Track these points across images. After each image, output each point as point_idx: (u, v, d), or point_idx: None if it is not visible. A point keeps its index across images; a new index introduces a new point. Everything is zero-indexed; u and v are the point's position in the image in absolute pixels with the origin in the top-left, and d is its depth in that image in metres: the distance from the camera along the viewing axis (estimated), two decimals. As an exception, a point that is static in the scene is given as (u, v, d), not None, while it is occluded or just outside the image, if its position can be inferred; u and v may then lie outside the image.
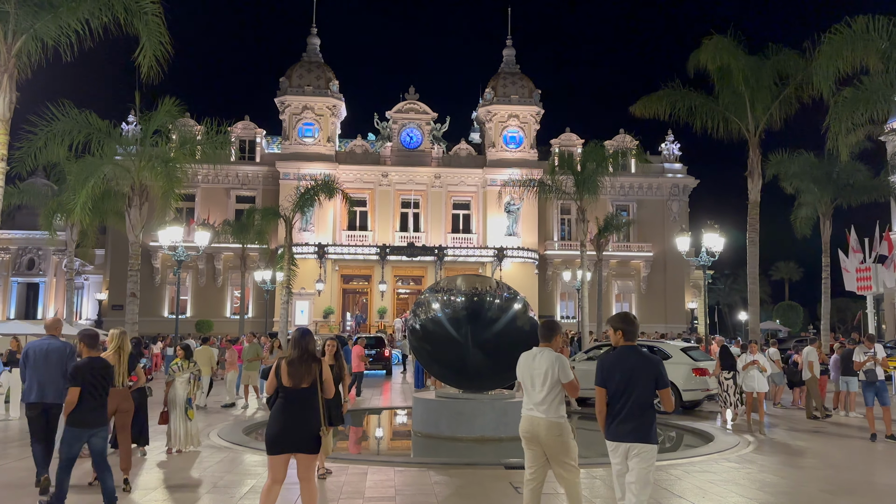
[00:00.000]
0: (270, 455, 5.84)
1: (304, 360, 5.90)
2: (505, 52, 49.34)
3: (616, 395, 5.39)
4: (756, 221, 18.98)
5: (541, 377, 5.73)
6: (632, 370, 5.36)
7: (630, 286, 49.32)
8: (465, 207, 48.15)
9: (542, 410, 5.72)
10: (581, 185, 26.28)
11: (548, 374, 5.71)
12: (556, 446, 5.71)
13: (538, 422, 5.74)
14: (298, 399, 5.83)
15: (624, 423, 5.34)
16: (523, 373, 5.91)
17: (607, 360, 5.56)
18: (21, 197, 29.35)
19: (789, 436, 12.82)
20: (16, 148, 16.12)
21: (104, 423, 7.17)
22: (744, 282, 68.20)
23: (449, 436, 12.01)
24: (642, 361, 5.42)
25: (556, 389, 5.74)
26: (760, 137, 18.98)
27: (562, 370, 5.72)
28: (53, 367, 7.92)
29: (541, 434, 5.72)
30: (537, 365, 5.78)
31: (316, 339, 23.91)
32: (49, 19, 10.75)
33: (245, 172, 47.34)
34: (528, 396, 5.85)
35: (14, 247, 47.65)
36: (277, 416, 5.83)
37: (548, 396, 5.71)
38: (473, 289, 13.86)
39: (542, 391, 5.71)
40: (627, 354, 5.46)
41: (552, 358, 5.78)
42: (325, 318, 44.07)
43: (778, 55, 18.41)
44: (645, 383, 5.34)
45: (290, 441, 5.76)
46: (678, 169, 50.39)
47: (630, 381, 5.34)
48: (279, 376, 5.89)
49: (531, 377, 5.80)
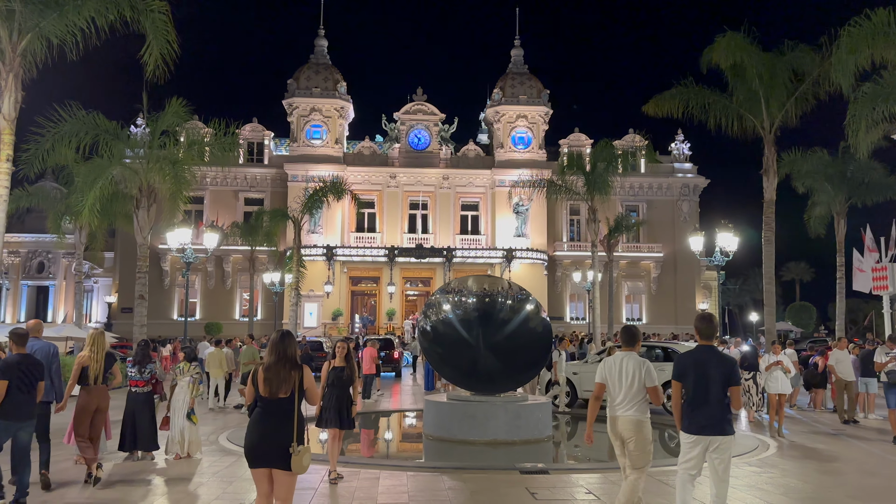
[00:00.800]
0: (251, 468, 5.27)
1: (281, 366, 5.25)
2: (513, 53, 49.12)
3: (692, 391, 5.79)
4: (772, 220, 18.68)
5: (627, 379, 6.10)
6: (707, 367, 5.72)
7: (640, 287, 48.97)
8: (473, 208, 47.95)
9: (626, 410, 6.11)
10: (591, 185, 26.03)
11: (634, 377, 6.09)
12: (637, 442, 6.11)
13: (624, 420, 6.14)
14: (275, 410, 5.20)
15: (701, 417, 5.71)
16: (608, 375, 6.26)
17: (684, 357, 6.01)
18: (30, 200, 29.38)
19: (809, 438, 12.55)
20: (23, 150, 16.02)
21: (31, 417, 7.42)
22: (754, 282, 68.11)
23: (461, 439, 11.81)
24: (717, 359, 5.78)
25: (641, 392, 6.13)
26: (776, 135, 18.69)
27: (647, 375, 6.10)
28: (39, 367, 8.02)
29: (624, 432, 6.14)
30: (624, 368, 6.16)
31: (325, 340, 23.68)
32: (55, 18, 10.62)
33: (253, 174, 47.30)
34: (613, 398, 6.24)
35: (24, 250, 47.76)
36: (252, 428, 5.25)
37: (633, 398, 6.09)
38: (485, 290, 13.67)
39: (628, 393, 6.10)
40: (704, 352, 5.85)
41: (638, 362, 6.16)
42: (334, 319, 43.95)
43: (794, 51, 18.12)
44: (720, 380, 5.69)
45: (265, 455, 5.16)
46: (688, 169, 50.02)
47: (706, 378, 5.71)
48: (256, 383, 5.27)
49: (617, 380, 6.17)
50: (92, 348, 8.60)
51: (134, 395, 10.02)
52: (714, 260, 23.58)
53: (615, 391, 6.21)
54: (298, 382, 5.29)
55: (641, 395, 6.13)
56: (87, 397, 8.54)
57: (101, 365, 8.61)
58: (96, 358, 8.57)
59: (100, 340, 8.69)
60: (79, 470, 9.03)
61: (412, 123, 47.38)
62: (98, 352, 8.61)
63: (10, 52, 10.51)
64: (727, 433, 5.73)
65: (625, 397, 6.13)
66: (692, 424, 5.78)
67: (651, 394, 6.12)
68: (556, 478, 9.02)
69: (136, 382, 10.03)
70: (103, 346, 8.71)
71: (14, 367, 7.23)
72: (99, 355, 8.60)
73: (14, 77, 10.55)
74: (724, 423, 5.73)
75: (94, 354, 8.58)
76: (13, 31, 10.51)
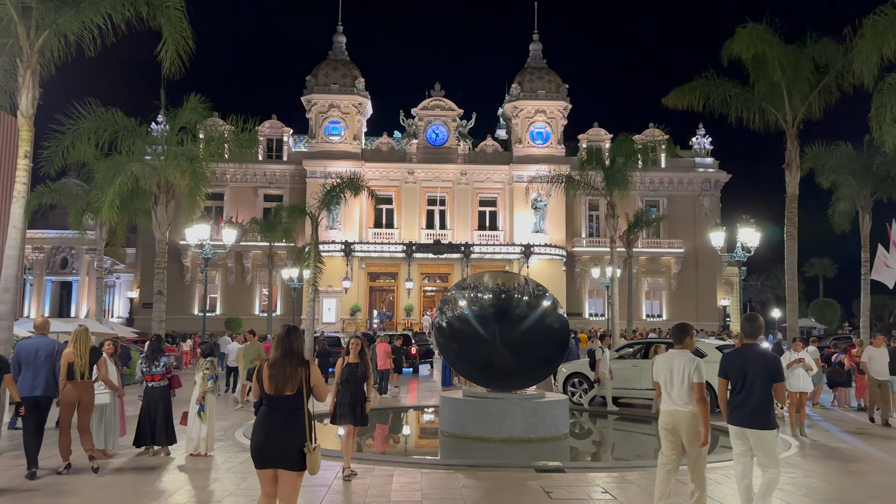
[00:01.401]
0: (257, 469, 5.14)
1: (287, 362, 5.11)
2: (531, 47, 48.83)
3: (737, 387, 6.20)
4: (794, 215, 18.33)
5: (679, 376, 6.37)
6: (751, 364, 6.11)
7: (660, 283, 48.54)
8: (491, 204, 47.79)
9: (682, 405, 6.37)
10: (610, 180, 25.74)
11: (685, 373, 6.35)
12: (693, 436, 6.33)
13: (679, 415, 6.38)
14: (281, 408, 5.07)
15: (745, 410, 6.12)
16: (662, 372, 6.55)
17: (729, 355, 6.43)
18: (53, 196, 29.69)
19: (832, 438, 12.30)
20: (44, 147, 16.17)
21: None
22: (776, 278, 67.27)
23: (476, 436, 11.72)
24: (761, 357, 6.18)
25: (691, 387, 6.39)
26: (798, 128, 18.33)
27: (696, 371, 6.33)
28: (42, 363, 8.68)
29: (681, 425, 6.37)
30: (675, 365, 6.43)
31: (342, 336, 23.70)
32: (71, 14, 10.65)
33: (272, 171, 47.52)
34: (667, 393, 6.50)
35: (47, 246, 48.42)
36: (259, 427, 5.12)
37: (685, 393, 6.34)
38: (501, 286, 13.56)
39: (681, 388, 6.36)
40: (748, 350, 6.26)
41: (688, 359, 6.42)
42: (353, 315, 44.07)
43: (816, 43, 17.75)
44: (763, 376, 6.07)
45: (271, 455, 5.02)
46: (709, 164, 49.45)
47: (750, 375, 6.10)
48: (261, 381, 5.14)
49: (670, 376, 6.46)
50: (76, 345, 8.78)
51: (150, 390, 10.10)
52: (736, 256, 23.25)
53: (668, 387, 6.49)
54: (305, 379, 5.15)
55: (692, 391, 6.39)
56: (72, 392, 8.74)
57: (85, 361, 8.79)
58: (80, 354, 8.75)
59: (83, 337, 8.88)
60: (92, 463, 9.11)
61: (430, 119, 47.30)
62: (81, 348, 8.78)
63: (27, 48, 10.57)
64: (769, 427, 6.12)
65: (678, 393, 6.40)
66: (737, 417, 6.21)
67: (696, 390, 6.30)
68: (572, 476, 8.91)
69: (151, 377, 10.10)
70: (87, 343, 8.89)
71: None
72: (83, 351, 8.77)
73: (32, 74, 10.61)
74: (767, 417, 6.12)
75: (77, 350, 8.75)
76: (30, 27, 10.56)
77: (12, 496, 7.77)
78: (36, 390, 8.59)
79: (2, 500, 7.63)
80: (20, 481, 8.33)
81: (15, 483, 8.34)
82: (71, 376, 8.71)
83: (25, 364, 8.69)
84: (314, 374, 5.25)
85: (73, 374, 8.69)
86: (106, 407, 9.90)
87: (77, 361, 8.71)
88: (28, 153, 10.96)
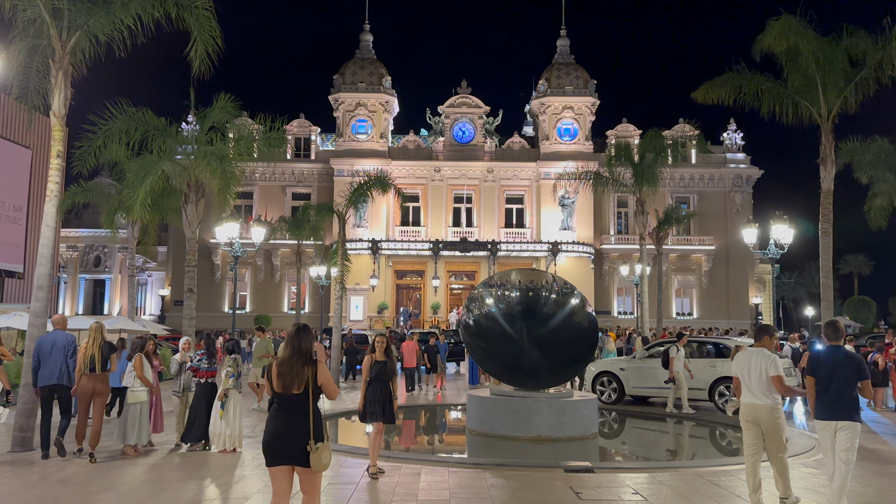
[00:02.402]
0: (268, 467, 5.23)
1: (294, 361, 5.19)
2: (559, 43, 48.45)
3: (823, 384, 6.78)
4: (829, 211, 17.89)
5: (757, 371, 7.12)
6: (836, 364, 6.73)
7: (691, 281, 47.89)
8: (518, 202, 47.56)
9: (761, 398, 7.09)
10: (639, 177, 25.41)
11: (762, 368, 7.10)
12: (772, 426, 7.10)
13: (759, 407, 7.12)
14: (290, 406, 5.14)
15: (831, 405, 6.70)
16: (742, 368, 7.27)
17: (816, 355, 7.14)
18: (86, 196, 30.11)
19: (868, 439, 11.98)
20: (77, 147, 16.40)
21: None
22: (809, 276, 65.98)
23: (504, 435, 11.66)
24: (845, 357, 6.80)
25: (769, 381, 7.08)
26: (834, 122, 17.87)
27: (772, 366, 7.09)
28: (59, 355, 9.69)
29: (761, 417, 7.10)
30: (753, 362, 7.18)
31: (368, 334, 23.70)
32: (102, 15, 10.76)
33: (300, 170, 47.85)
34: (747, 388, 7.21)
35: (81, 245, 49.33)
36: (269, 424, 5.23)
37: (764, 387, 7.08)
38: (528, 283, 13.46)
39: (759, 383, 7.10)
40: (833, 352, 6.89)
41: (766, 356, 7.17)
42: (380, 313, 44.21)
43: (852, 36, 17.30)
44: (847, 374, 6.69)
45: (281, 452, 5.11)
46: (741, 159, 48.63)
47: (835, 373, 6.71)
48: (270, 379, 5.25)
49: (748, 372, 7.18)
50: (88, 340, 9.59)
51: (208, 386, 10.41)
52: (768, 253, 22.81)
53: (747, 382, 7.20)
54: (312, 378, 5.18)
55: (770, 385, 7.08)
56: (87, 383, 9.54)
57: (97, 354, 9.54)
58: (93, 347, 9.53)
59: (96, 333, 9.67)
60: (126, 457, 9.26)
61: (456, 117, 47.20)
62: (93, 343, 9.55)
63: (59, 49, 10.71)
64: (853, 419, 6.65)
65: (757, 387, 7.10)
66: (822, 412, 6.78)
67: (775, 383, 7.03)
68: (601, 477, 8.79)
69: (206, 374, 10.45)
70: (99, 338, 9.65)
71: None
72: (95, 346, 9.54)
73: (63, 74, 10.75)
74: (851, 410, 6.68)
75: (89, 345, 9.55)
76: (62, 29, 10.70)
77: (55, 485, 7.91)
78: (52, 379, 9.62)
79: (35, 492, 7.77)
80: (57, 474, 8.47)
81: (61, 475, 8.48)
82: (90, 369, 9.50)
83: (44, 356, 9.71)
84: (322, 372, 5.26)
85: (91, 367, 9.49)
86: (143, 404, 10.03)
87: (91, 354, 9.49)
88: (61, 153, 11.12)
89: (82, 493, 7.75)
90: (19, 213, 33.83)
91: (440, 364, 20.85)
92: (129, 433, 9.86)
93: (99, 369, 9.56)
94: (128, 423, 9.88)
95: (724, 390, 15.22)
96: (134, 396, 9.93)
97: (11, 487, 8.09)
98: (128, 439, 9.84)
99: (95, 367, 9.51)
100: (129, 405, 9.93)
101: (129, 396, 9.99)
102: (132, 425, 9.88)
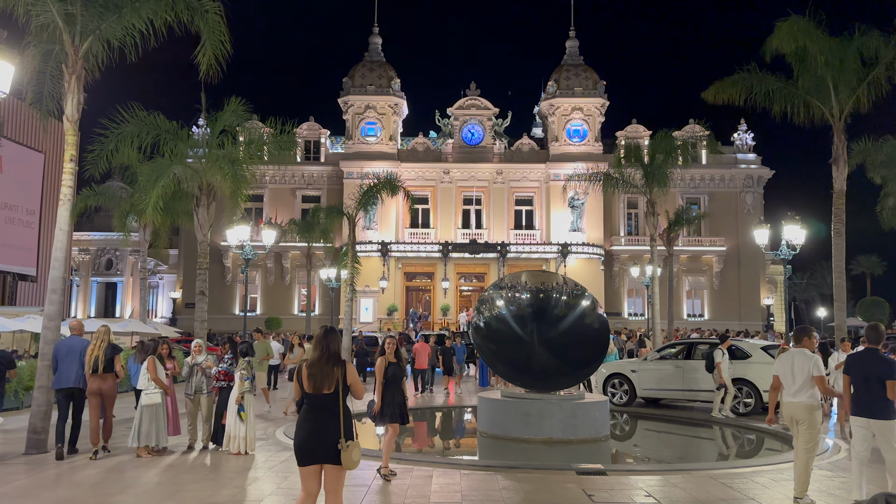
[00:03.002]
0: (300, 466, 5.36)
1: (324, 362, 5.33)
2: (568, 44, 48.37)
3: (857, 383, 7.34)
4: (842, 212, 17.77)
5: (800, 372, 7.53)
6: (869, 366, 7.26)
7: (702, 282, 47.65)
8: (527, 203, 47.48)
9: (800, 397, 7.52)
10: (650, 178, 25.30)
11: (805, 369, 7.51)
12: (806, 423, 7.48)
13: (797, 405, 7.54)
14: (321, 406, 5.29)
15: (864, 403, 7.24)
16: (784, 368, 7.71)
17: (852, 356, 7.75)
18: (98, 199, 30.37)
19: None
20: (89, 151, 16.52)
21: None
22: (821, 276, 65.50)
23: (515, 437, 11.63)
24: (877, 360, 7.32)
25: (810, 382, 7.50)
26: (846, 122, 17.76)
27: (815, 367, 7.50)
28: (75, 359, 10.05)
29: (799, 414, 7.52)
30: (797, 362, 7.60)
31: (378, 335, 23.71)
32: (114, 20, 10.84)
33: (310, 172, 47.99)
34: (788, 387, 7.64)
35: (93, 248, 49.66)
36: (301, 424, 5.37)
37: (804, 386, 7.49)
38: (539, 285, 13.44)
39: (800, 383, 7.51)
40: (868, 354, 7.45)
41: (808, 357, 7.59)
42: (390, 315, 44.25)
43: (864, 35, 17.18)
44: (878, 376, 7.15)
45: (315, 451, 5.26)
46: (752, 160, 48.36)
47: (868, 374, 7.23)
48: (301, 380, 5.38)
49: (791, 372, 7.60)
50: (94, 343, 10.02)
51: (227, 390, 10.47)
52: (780, 253, 22.67)
53: (789, 382, 7.62)
54: (342, 378, 5.34)
55: (811, 385, 7.47)
56: (93, 383, 9.94)
57: (102, 356, 9.91)
58: (98, 349, 9.93)
59: (103, 336, 10.08)
60: (140, 460, 9.31)
61: (466, 118, 47.20)
62: (98, 345, 9.96)
63: (72, 54, 10.80)
64: (883, 418, 7.10)
65: (798, 387, 7.51)
66: (860, 409, 7.28)
67: (818, 383, 7.45)
68: (614, 479, 8.76)
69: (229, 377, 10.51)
70: (104, 341, 10.04)
71: None
72: (100, 348, 9.94)
73: (76, 79, 10.83)
74: (881, 409, 7.11)
75: (95, 346, 9.97)
76: (75, 34, 10.78)
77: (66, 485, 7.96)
78: (68, 383, 10.03)
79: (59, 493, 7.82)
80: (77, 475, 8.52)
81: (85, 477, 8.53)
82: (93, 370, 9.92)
83: (61, 360, 10.13)
84: (350, 373, 5.45)
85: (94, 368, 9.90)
86: (157, 406, 10.08)
87: (98, 356, 9.88)
88: (73, 157, 11.20)
89: (98, 495, 7.80)
90: (32, 217, 34.10)
91: (456, 367, 20.67)
92: (143, 435, 9.91)
93: (101, 370, 9.89)
94: (142, 425, 9.93)
95: (737, 392, 15.12)
96: (148, 399, 9.99)
97: (26, 489, 8.15)
98: (142, 441, 9.90)
99: (98, 367, 9.87)
100: (144, 407, 9.98)
101: (143, 399, 10.05)
102: (147, 427, 9.94)
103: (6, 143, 29.24)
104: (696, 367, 15.90)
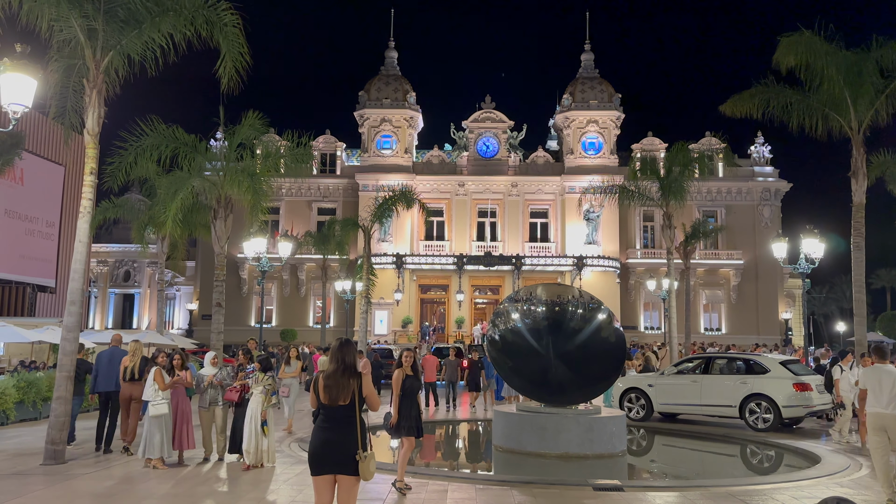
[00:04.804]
0: (313, 476, 5.39)
1: (340, 374, 5.39)
2: (583, 57, 48.43)
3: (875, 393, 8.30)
4: (861, 225, 17.57)
5: (888, 385, 8.24)
6: (884, 378, 8.28)
7: (719, 295, 47.23)
8: (542, 216, 47.40)
9: (889, 408, 8.20)
10: (666, 191, 25.18)
11: (893, 382, 8.22)
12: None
13: (886, 416, 8.22)
14: (337, 417, 5.34)
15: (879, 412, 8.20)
16: (872, 381, 8.44)
17: (868, 371, 8.66)
18: (116, 211, 30.66)
19: None
20: (108, 163, 16.72)
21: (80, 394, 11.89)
22: (840, 290, 64.76)
23: (531, 451, 11.55)
24: (887, 374, 8.27)
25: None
26: (865, 135, 17.60)
27: None
28: (115, 366, 11.76)
29: (889, 424, 8.20)
30: (885, 376, 8.33)
31: (393, 348, 23.63)
32: (135, 35, 11.00)
33: (326, 185, 48.25)
34: (877, 399, 8.33)
35: (111, 259, 50.14)
36: (317, 435, 5.41)
37: (894, 399, 8.17)
38: (555, 298, 13.38)
39: (889, 395, 8.21)
40: (881, 368, 8.42)
41: (892, 371, 8.31)
42: (404, 327, 44.23)
43: (883, 47, 17.04)
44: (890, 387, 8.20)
45: (329, 461, 5.29)
46: (769, 172, 48.00)
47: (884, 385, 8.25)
48: (317, 391, 5.44)
49: (879, 385, 8.33)
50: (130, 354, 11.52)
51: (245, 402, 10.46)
52: (799, 267, 22.44)
53: (878, 394, 8.31)
54: (357, 390, 5.40)
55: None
56: (125, 389, 11.31)
57: (136, 366, 11.33)
58: (134, 360, 11.42)
59: (137, 349, 11.65)
60: (159, 471, 9.33)
61: (481, 131, 47.30)
62: (134, 357, 11.46)
63: (93, 69, 10.96)
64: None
65: (888, 399, 8.19)
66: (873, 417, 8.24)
67: None
68: (631, 495, 8.66)
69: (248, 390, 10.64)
70: (138, 353, 11.57)
71: None
72: (137, 358, 11.44)
73: (97, 93, 10.98)
74: None
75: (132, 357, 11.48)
76: (96, 49, 10.94)
77: None
78: (109, 386, 11.75)
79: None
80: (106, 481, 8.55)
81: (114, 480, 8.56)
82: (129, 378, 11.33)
83: (102, 367, 11.98)
84: (366, 384, 5.50)
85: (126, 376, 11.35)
86: (165, 417, 10.10)
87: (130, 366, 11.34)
88: (94, 170, 11.33)
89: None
90: (52, 229, 34.52)
91: (483, 382, 19.85)
92: (156, 447, 9.92)
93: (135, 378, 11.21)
94: (153, 436, 9.94)
95: (755, 407, 14.92)
96: (156, 409, 10.00)
97: (43, 500, 8.19)
98: (155, 453, 9.91)
99: (133, 376, 11.23)
100: (152, 418, 9.99)
101: (150, 410, 10.05)
102: (158, 438, 9.95)
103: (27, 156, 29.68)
104: (713, 381, 15.73)
